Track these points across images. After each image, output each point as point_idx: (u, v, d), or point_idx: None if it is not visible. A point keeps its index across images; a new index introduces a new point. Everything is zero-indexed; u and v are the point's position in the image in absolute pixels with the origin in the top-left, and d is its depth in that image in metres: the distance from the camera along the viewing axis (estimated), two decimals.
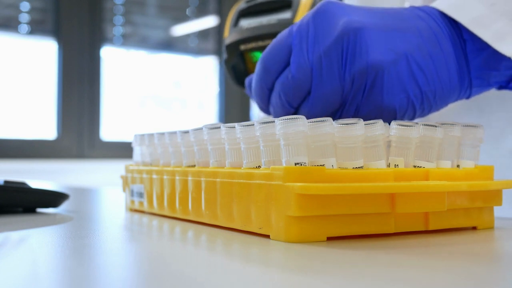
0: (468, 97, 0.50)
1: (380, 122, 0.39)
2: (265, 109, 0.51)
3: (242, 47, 0.58)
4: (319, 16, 0.45)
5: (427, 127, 0.40)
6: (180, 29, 2.44)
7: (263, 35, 0.56)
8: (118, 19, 2.26)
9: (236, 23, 0.59)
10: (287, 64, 0.47)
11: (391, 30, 0.45)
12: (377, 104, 0.45)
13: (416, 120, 0.50)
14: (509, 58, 0.46)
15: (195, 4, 2.45)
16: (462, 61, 0.47)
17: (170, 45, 2.45)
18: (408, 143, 0.40)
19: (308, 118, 0.46)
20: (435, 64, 0.45)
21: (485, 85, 0.49)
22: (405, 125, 0.40)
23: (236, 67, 0.60)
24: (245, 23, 0.58)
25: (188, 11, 2.44)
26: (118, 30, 2.27)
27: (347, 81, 0.44)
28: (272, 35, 0.51)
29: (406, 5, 0.63)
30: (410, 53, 0.45)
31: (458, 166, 0.43)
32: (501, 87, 0.50)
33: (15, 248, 0.35)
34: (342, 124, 0.38)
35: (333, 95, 0.45)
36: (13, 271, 0.28)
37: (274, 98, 0.48)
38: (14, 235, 0.40)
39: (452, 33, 0.47)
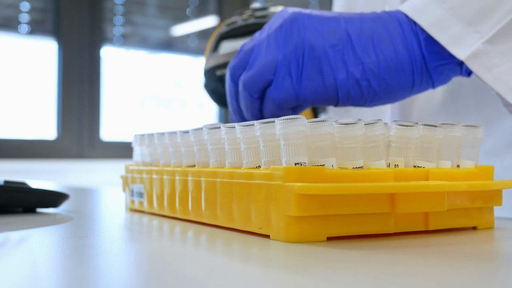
0: (433, 85, 0.50)
1: (380, 122, 0.39)
2: (234, 116, 0.54)
3: (218, 72, 0.61)
4: (274, 17, 0.51)
5: (427, 127, 0.40)
6: (180, 29, 2.44)
7: None
8: (118, 19, 2.26)
9: (216, 47, 0.62)
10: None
11: (334, 16, 0.49)
12: (317, 79, 0.48)
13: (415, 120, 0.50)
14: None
15: (195, 4, 2.45)
16: (412, 38, 0.48)
17: (170, 45, 2.45)
18: (408, 143, 0.40)
19: (242, 89, 0.50)
20: (376, 40, 0.48)
21: (444, 60, 0.48)
22: (405, 125, 0.40)
23: (216, 90, 0.62)
24: (223, 47, 0.61)
25: (188, 11, 2.44)
26: (118, 30, 2.27)
27: (286, 53, 0.48)
28: None
29: (387, 9, 0.64)
30: (349, 30, 0.48)
31: (458, 166, 0.43)
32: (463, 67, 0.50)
33: (15, 248, 0.35)
34: (342, 124, 0.38)
35: (269, 63, 0.49)
36: (13, 271, 0.28)
37: (227, 85, 0.52)
38: (14, 235, 0.40)
39: (408, 28, 0.48)
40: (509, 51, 0.46)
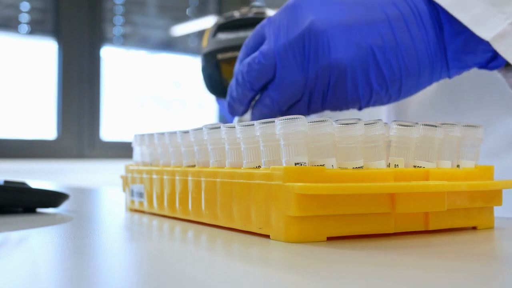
0: (450, 77, 0.50)
1: (380, 122, 0.39)
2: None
3: (219, 56, 0.62)
4: (288, 9, 0.49)
5: (427, 127, 0.40)
6: (180, 29, 2.44)
7: (239, 46, 0.59)
8: (118, 19, 2.26)
9: (214, 34, 0.63)
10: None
11: (357, 24, 0.47)
12: (343, 97, 0.48)
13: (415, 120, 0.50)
14: (486, 42, 0.47)
15: (195, 4, 2.45)
16: (435, 45, 0.48)
17: (170, 45, 2.45)
18: (408, 143, 0.40)
19: (270, 103, 0.50)
20: (402, 53, 0.47)
21: (464, 67, 0.49)
22: (405, 125, 0.40)
23: (211, 76, 0.63)
24: (223, 36, 0.62)
25: (188, 11, 2.44)
26: (118, 30, 2.27)
27: (311, 76, 0.48)
28: None
29: None
30: (376, 44, 0.47)
31: (458, 166, 0.43)
32: (481, 67, 0.50)
33: (15, 248, 0.35)
34: (342, 124, 0.38)
35: (295, 86, 0.48)
36: (13, 271, 0.28)
37: (237, 76, 0.52)
38: (14, 235, 0.40)
39: (427, 18, 0.47)
40: None
